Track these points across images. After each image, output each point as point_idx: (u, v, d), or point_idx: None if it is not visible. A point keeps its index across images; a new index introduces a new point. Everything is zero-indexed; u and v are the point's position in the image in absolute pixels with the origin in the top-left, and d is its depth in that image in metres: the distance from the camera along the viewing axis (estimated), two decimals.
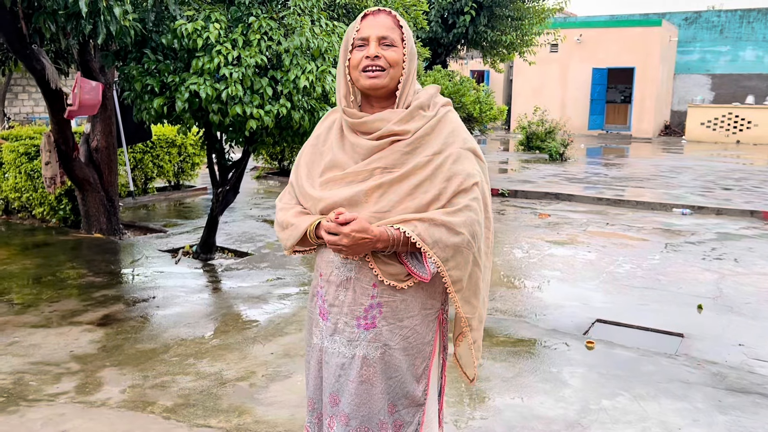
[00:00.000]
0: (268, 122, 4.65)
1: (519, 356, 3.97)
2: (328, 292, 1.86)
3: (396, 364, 1.83)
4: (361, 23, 1.80)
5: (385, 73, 1.77)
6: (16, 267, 5.81)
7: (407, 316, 1.82)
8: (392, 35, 1.78)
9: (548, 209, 9.18)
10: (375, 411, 1.84)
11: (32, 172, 7.47)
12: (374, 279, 1.79)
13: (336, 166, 1.83)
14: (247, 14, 4.74)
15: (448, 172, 1.76)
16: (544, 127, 16.36)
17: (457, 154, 1.79)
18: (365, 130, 1.81)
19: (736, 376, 3.74)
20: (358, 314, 1.82)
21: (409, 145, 1.78)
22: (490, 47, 13.24)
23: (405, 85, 1.80)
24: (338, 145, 1.86)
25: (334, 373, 1.86)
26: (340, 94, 1.85)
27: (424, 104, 1.83)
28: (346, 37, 1.83)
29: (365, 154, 1.80)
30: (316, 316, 1.93)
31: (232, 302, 4.99)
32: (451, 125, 1.84)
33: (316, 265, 1.95)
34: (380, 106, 1.84)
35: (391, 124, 1.78)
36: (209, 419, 3.15)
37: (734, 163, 14.90)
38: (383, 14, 1.81)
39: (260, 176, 12.09)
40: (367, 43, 1.78)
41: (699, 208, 9.05)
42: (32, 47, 5.65)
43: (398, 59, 1.78)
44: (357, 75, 1.79)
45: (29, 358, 3.85)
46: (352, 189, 1.77)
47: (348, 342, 1.83)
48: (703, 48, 24.24)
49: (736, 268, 6.05)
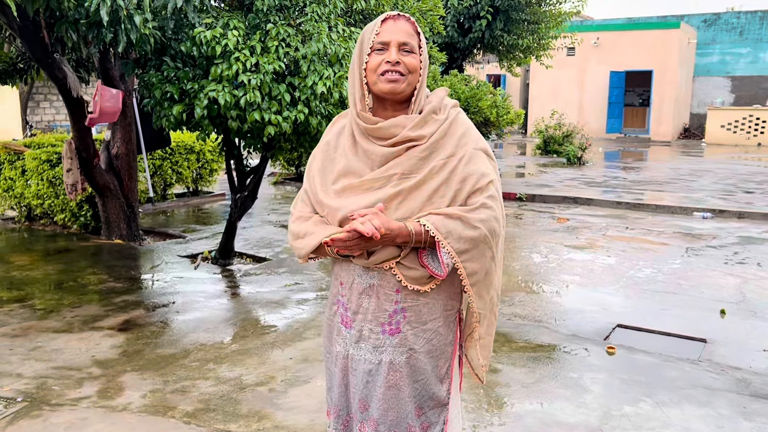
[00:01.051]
0: (286, 128, 4.68)
1: (539, 362, 3.94)
2: (350, 300, 1.86)
3: (421, 367, 1.84)
4: (381, 27, 1.79)
5: (403, 78, 1.77)
6: (39, 273, 5.88)
7: (430, 319, 1.84)
8: (412, 42, 1.79)
9: (566, 213, 9.12)
10: (403, 415, 1.85)
11: (54, 179, 7.57)
12: (397, 285, 1.80)
13: (351, 173, 1.82)
14: (264, 21, 4.77)
15: (462, 173, 1.77)
16: (562, 131, 16.26)
17: (470, 155, 1.80)
18: (380, 136, 1.80)
19: (761, 382, 3.67)
20: (382, 320, 1.82)
21: (424, 150, 1.78)
22: (507, 51, 13.21)
23: (420, 91, 1.81)
24: (351, 152, 1.85)
25: (362, 380, 1.87)
26: (355, 97, 1.83)
27: (436, 108, 1.83)
28: (363, 38, 1.82)
29: (381, 161, 1.79)
30: (337, 324, 1.92)
31: (250, 307, 5.01)
32: (463, 127, 1.85)
33: (334, 274, 1.93)
34: (393, 110, 1.83)
35: (406, 129, 1.78)
36: (229, 424, 3.16)
37: (756, 166, 14.69)
38: (403, 20, 1.81)
39: (277, 182, 12.16)
40: (386, 47, 1.78)
41: (720, 211, 8.93)
42: (54, 56, 5.74)
43: (416, 66, 1.79)
44: (374, 78, 1.78)
45: (52, 363, 3.90)
46: (371, 197, 1.77)
47: (374, 348, 1.84)
48: (722, 50, 23.98)
49: (759, 273, 5.95)
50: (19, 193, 8.06)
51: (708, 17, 24.21)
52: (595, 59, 23.09)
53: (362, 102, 1.82)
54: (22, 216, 8.29)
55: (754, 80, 23.49)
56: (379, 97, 1.81)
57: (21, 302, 5.04)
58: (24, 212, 8.28)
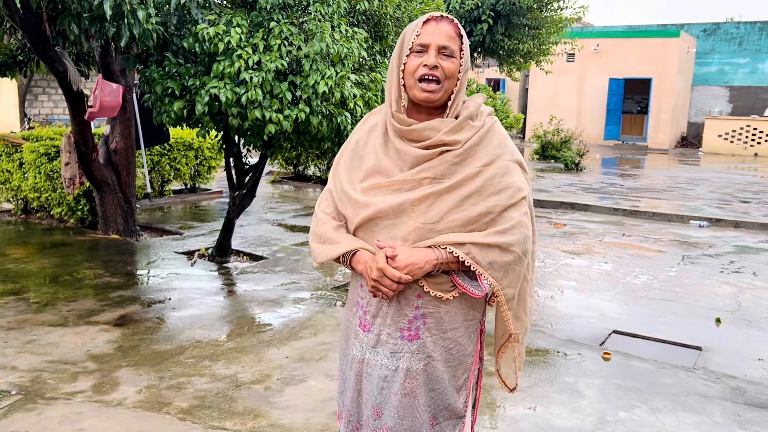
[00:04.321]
0: (287, 127, 4.67)
1: (535, 366, 3.94)
2: (370, 303, 1.82)
3: (438, 376, 1.80)
4: (422, 28, 1.74)
5: (440, 86, 1.73)
6: (34, 266, 5.86)
7: (451, 328, 1.79)
8: (453, 45, 1.74)
9: (563, 219, 9.13)
10: (417, 424, 1.81)
11: (52, 173, 7.55)
12: (419, 290, 1.76)
13: (380, 172, 1.78)
14: (268, 19, 4.77)
15: (498, 185, 1.73)
16: (560, 137, 16.30)
17: (506, 167, 1.77)
18: (414, 138, 1.76)
19: (756, 390, 3.69)
20: (401, 325, 1.78)
21: (458, 155, 1.74)
22: (507, 56, 13.21)
23: (457, 96, 1.77)
24: (382, 150, 1.81)
25: (377, 386, 1.82)
26: (391, 98, 1.79)
27: (473, 114, 1.78)
28: (403, 39, 1.77)
29: (413, 163, 1.75)
30: (356, 327, 1.88)
31: (247, 305, 5.00)
32: (499, 136, 1.81)
33: (354, 275, 1.89)
34: (428, 112, 1.80)
35: (441, 133, 1.74)
36: (224, 421, 3.16)
37: (752, 176, 14.76)
38: (446, 21, 1.75)
39: (275, 181, 12.15)
40: (426, 50, 1.73)
41: (716, 220, 8.97)
42: (55, 49, 5.72)
43: (455, 71, 1.74)
44: (411, 82, 1.74)
45: (47, 357, 3.89)
46: (399, 197, 1.73)
47: (391, 354, 1.80)
48: (721, 59, 24.08)
49: (755, 282, 5.98)
50: (16, 185, 8.03)
51: (708, 27, 24.31)
52: (594, 66, 23.15)
53: (398, 103, 1.78)
54: (19, 209, 8.26)
55: (752, 90, 23.60)
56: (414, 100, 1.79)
57: (16, 295, 5.02)
58: (20, 205, 8.25)
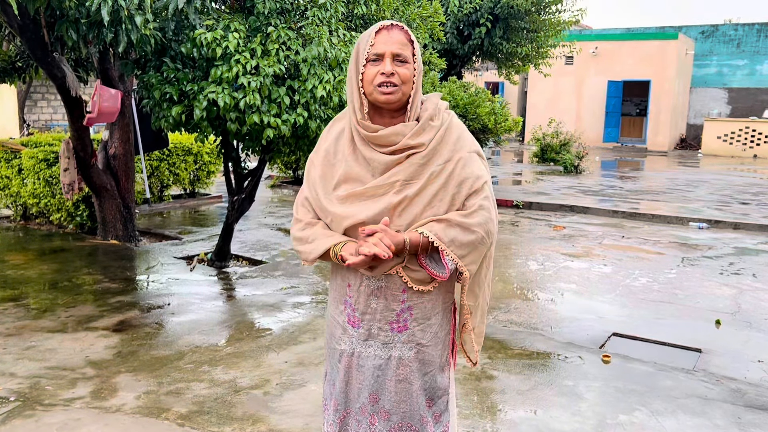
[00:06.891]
0: (285, 131, 4.68)
1: (534, 369, 3.94)
2: (358, 301, 1.93)
3: (429, 360, 1.95)
4: (375, 38, 1.84)
5: (397, 89, 1.83)
6: (33, 272, 5.86)
7: (433, 314, 1.95)
8: (405, 52, 1.84)
9: (563, 221, 9.13)
10: (416, 408, 1.94)
11: (51, 179, 7.55)
12: (403, 285, 1.89)
13: (352, 180, 1.88)
14: (265, 24, 4.77)
15: (459, 177, 1.86)
16: (559, 139, 16.30)
17: (466, 159, 1.89)
18: (380, 143, 1.86)
19: (756, 393, 3.68)
20: (390, 319, 1.91)
21: (424, 156, 1.85)
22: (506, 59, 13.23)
23: (414, 99, 1.88)
24: (352, 158, 1.90)
25: (372, 374, 1.94)
26: (354, 106, 1.89)
27: (432, 115, 1.90)
28: (358, 49, 1.87)
29: (383, 169, 1.86)
30: (344, 324, 1.98)
31: (246, 310, 5.00)
32: (457, 131, 1.93)
33: (340, 275, 1.98)
34: (390, 116, 1.89)
35: (406, 138, 1.85)
36: (223, 427, 3.15)
37: (751, 178, 14.76)
38: (397, 30, 1.85)
39: (275, 185, 12.15)
40: (381, 59, 1.83)
41: (716, 222, 8.96)
42: (53, 55, 5.73)
43: (410, 76, 1.85)
44: (371, 89, 1.84)
45: (46, 363, 3.88)
46: (377, 205, 1.83)
47: (383, 345, 1.93)
48: (720, 61, 24.10)
49: (754, 284, 5.97)
50: (15, 191, 8.03)
51: (706, 29, 24.33)
52: (593, 68, 23.17)
53: (361, 111, 1.88)
54: (18, 215, 8.26)
55: (751, 92, 23.61)
56: (375, 104, 1.88)
57: (15, 301, 5.02)
58: (19, 211, 8.25)
